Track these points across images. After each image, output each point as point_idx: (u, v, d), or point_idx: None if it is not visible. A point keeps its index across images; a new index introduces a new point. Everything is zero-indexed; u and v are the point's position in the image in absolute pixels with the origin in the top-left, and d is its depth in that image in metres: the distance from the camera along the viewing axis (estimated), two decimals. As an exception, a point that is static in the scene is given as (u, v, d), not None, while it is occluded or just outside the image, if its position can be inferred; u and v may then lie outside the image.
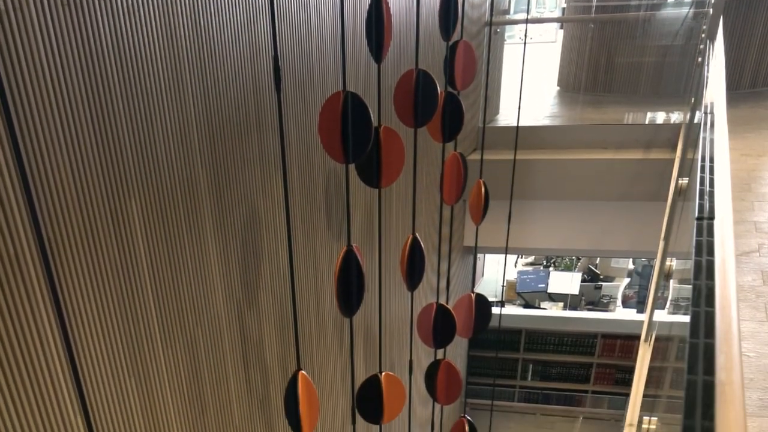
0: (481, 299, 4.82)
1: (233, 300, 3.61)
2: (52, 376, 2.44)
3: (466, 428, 4.91)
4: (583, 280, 14.84)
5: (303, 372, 2.45)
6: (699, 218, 2.51)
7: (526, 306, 14.51)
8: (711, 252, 2.41)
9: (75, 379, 2.56)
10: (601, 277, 15.17)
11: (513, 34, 11.57)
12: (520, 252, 14.35)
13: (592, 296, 14.72)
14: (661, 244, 6.40)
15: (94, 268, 2.60)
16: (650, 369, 6.12)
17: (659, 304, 6.86)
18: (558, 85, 11.79)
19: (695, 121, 6.06)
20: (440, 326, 4.42)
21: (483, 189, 4.84)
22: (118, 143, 2.65)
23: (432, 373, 4.59)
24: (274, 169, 3.84)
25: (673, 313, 5.89)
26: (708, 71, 4.92)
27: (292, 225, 4.14)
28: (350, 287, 3.02)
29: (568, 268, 15.52)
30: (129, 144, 2.72)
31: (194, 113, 3.11)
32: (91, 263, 2.58)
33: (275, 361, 4.11)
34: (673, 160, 7.26)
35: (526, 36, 7.28)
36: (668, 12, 11.24)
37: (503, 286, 9.58)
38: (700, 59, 6.80)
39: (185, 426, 3.29)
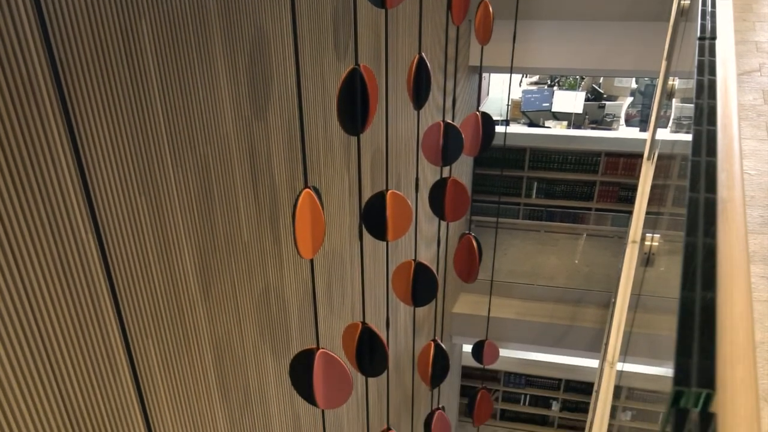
0: (486, 118, 4.78)
1: (242, 119, 3.58)
2: (64, 196, 2.43)
3: (474, 244, 4.95)
4: (587, 99, 14.74)
5: (309, 189, 2.44)
6: (701, 38, 2.45)
7: (531, 125, 14.48)
8: (713, 71, 2.36)
9: (87, 199, 2.56)
10: (605, 96, 15.06)
11: None
12: (525, 71, 14.18)
13: (595, 115, 14.65)
14: (664, 63, 6.30)
15: (106, 89, 2.56)
16: (653, 187, 6.13)
17: (662, 122, 6.81)
18: None
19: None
20: (447, 144, 4.39)
21: (489, 8, 4.73)
22: (119, -40, 2.57)
23: (438, 190, 4.59)
24: (280, -13, 3.75)
25: (676, 132, 5.85)
26: None
27: (300, 45, 4.06)
28: (354, 105, 2.99)
29: (572, 87, 15.38)
30: (131, -39, 2.63)
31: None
32: (103, 83, 2.54)
33: (283, 179, 4.11)
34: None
35: None
36: None
37: (508, 105, 9.47)
38: None
39: (195, 243, 3.31)
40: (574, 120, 14.34)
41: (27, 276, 2.33)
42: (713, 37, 2.43)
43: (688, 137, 2.17)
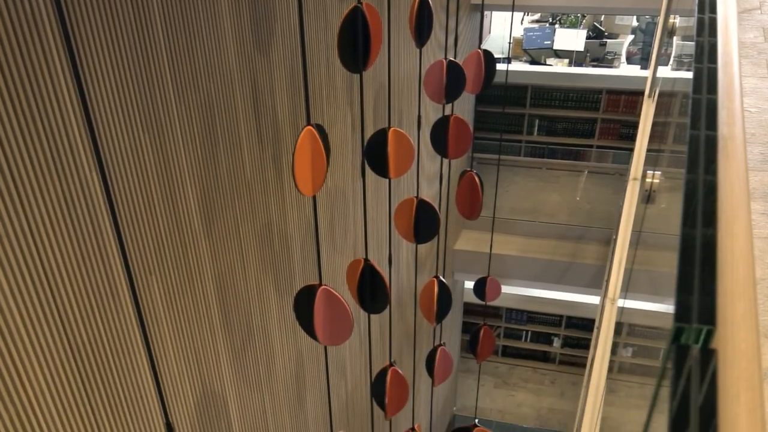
0: (488, 56, 4.74)
1: (245, 55, 3.56)
2: (68, 134, 2.42)
3: (476, 181, 4.93)
4: (588, 37, 14.62)
5: (311, 127, 2.42)
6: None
7: (532, 62, 14.38)
8: (713, 9, 2.33)
9: (90, 136, 2.55)
10: (606, 33, 14.94)
11: None
12: (527, 9, 14.05)
13: (596, 53, 14.56)
14: (665, 1, 6.24)
15: (109, 24, 2.54)
16: (654, 124, 6.11)
17: (663, 60, 6.77)
18: None
19: None
20: (449, 81, 4.36)
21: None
22: None
23: (440, 127, 4.57)
24: None
25: (676, 70, 5.81)
26: None
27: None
28: (356, 44, 2.96)
29: (574, 25, 15.23)
30: None
31: None
32: (106, 19, 2.52)
33: (286, 115, 4.09)
34: None
35: None
36: None
37: (510, 43, 9.39)
38: None
39: (198, 179, 3.30)
40: (575, 58, 14.24)
41: (31, 213, 2.32)
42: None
43: (689, 75, 2.16)
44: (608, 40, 14.65)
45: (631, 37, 15.19)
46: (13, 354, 2.32)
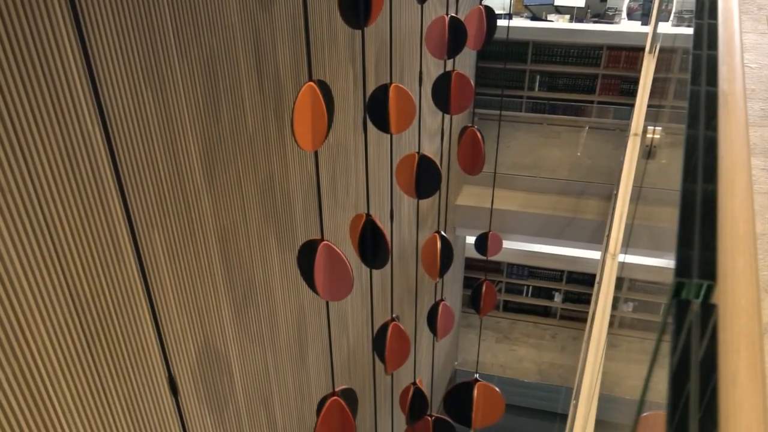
0: (489, 12, 4.71)
1: (247, 10, 3.53)
2: (70, 87, 2.41)
3: (477, 136, 4.92)
4: (589, -7, 14.53)
5: (312, 83, 2.41)
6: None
7: (533, 18, 14.28)
8: (713, -35, 2.31)
9: (93, 90, 2.53)
10: (607, -11, 14.84)
11: None
12: (530, -36, 13.96)
13: (597, 8, 14.45)
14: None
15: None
16: (654, 80, 6.08)
17: (663, 16, 6.73)
18: None
19: None
20: (451, 37, 4.34)
21: None
22: None
23: (442, 83, 4.55)
24: None
25: (677, 26, 5.77)
26: None
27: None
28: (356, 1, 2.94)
29: (576, -19, 15.13)
30: None
31: None
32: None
33: (288, 70, 4.07)
34: None
35: None
36: None
37: (511, -1, 9.36)
38: None
39: (200, 134, 3.29)
40: (576, 14, 14.14)
41: (33, 166, 2.32)
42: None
43: (690, 31, 2.14)
44: (609, -4, 14.56)
45: (631, -7, 15.09)
46: (16, 308, 2.33)
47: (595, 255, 10.57)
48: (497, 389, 4.66)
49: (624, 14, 14.45)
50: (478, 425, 4.72)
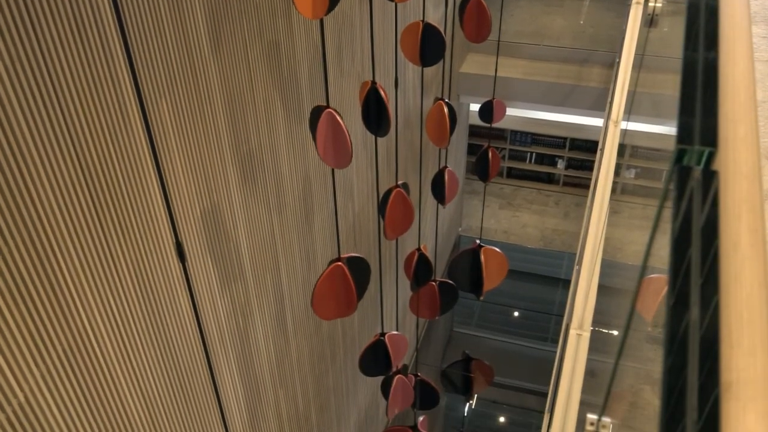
0: None
1: None
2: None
3: (483, 4, 4.84)
4: None
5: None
6: None
7: None
8: None
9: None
10: None
11: None
12: None
13: None
14: None
15: None
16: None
17: None
18: None
19: None
20: None
21: None
22: None
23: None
24: None
25: None
26: None
27: None
28: None
29: None
30: None
31: None
32: None
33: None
34: None
35: None
36: None
37: None
38: None
39: (207, 0, 3.25)
40: None
41: (43, 38, 2.30)
42: None
43: None
44: None
45: None
46: (25, 176, 2.34)
47: (598, 122, 10.54)
48: (499, 251, 4.71)
49: None
50: (486, 289, 4.79)
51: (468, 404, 13.56)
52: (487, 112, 6.04)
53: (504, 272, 4.74)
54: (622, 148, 5.44)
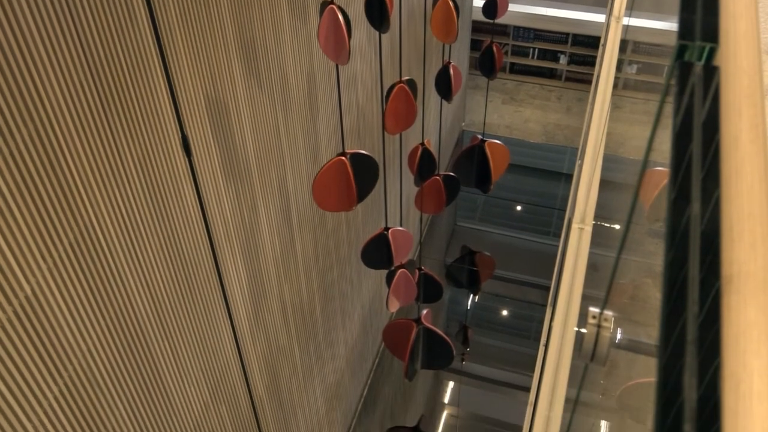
0: None
1: None
2: None
3: None
4: None
5: None
6: None
7: None
8: None
9: None
10: None
11: None
12: None
13: None
14: None
15: None
16: None
17: None
18: None
19: None
20: None
21: None
22: None
23: None
24: None
25: None
26: None
27: None
28: None
29: None
30: None
31: None
32: None
33: None
34: None
35: None
36: None
37: None
38: None
39: None
40: None
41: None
42: None
43: None
44: None
45: None
46: (32, 69, 2.33)
47: (600, 18, 10.41)
48: (501, 143, 4.72)
49: None
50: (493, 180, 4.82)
51: (471, 298, 13.73)
52: (490, 7, 5.96)
53: (505, 165, 4.76)
54: (623, 44, 5.39)
